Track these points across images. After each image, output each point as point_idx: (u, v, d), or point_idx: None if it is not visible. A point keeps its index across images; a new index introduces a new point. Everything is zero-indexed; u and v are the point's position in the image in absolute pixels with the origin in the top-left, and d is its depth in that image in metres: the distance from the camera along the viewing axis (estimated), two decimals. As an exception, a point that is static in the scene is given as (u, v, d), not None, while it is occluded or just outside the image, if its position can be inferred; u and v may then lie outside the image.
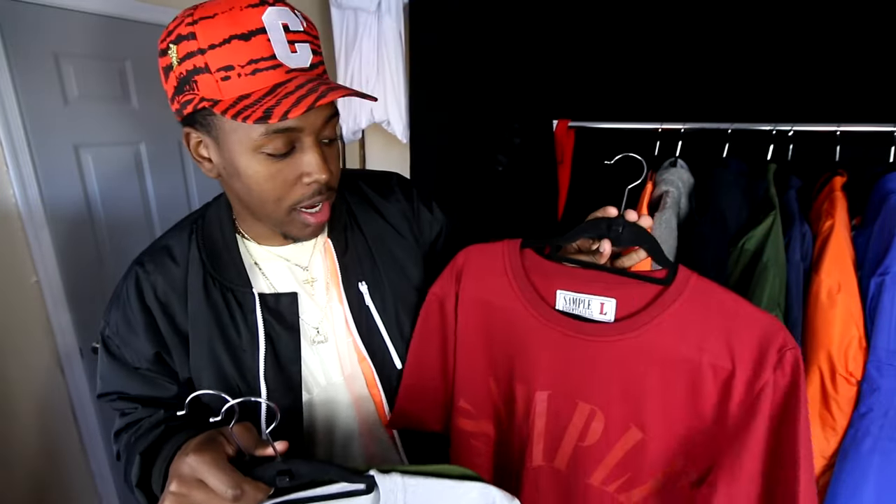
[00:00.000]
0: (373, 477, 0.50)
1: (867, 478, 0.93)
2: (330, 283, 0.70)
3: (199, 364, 0.63)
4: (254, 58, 0.49)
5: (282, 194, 0.56)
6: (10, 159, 1.33)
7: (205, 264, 0.64)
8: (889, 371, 0.91)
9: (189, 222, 0.69)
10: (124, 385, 0.66)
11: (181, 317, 0.64)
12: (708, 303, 0.55)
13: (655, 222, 1.14)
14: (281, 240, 0.68)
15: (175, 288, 0.64)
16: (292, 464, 0.48)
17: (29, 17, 1.33)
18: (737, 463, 0.53)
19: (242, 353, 0.63)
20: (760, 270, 1.01)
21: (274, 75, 0.50)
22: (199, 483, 0.44)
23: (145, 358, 0.64)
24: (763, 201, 1.09)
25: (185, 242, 0.66)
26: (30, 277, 1.43)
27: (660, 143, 1.27)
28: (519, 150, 1.52)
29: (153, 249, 0.67)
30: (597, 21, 1.48)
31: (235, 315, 0.64)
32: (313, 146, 0.55)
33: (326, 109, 0.55)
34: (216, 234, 0.66)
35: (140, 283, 0.64)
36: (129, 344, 0.64)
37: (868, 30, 1.16)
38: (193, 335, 0.63)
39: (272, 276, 0.67)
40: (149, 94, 1.63)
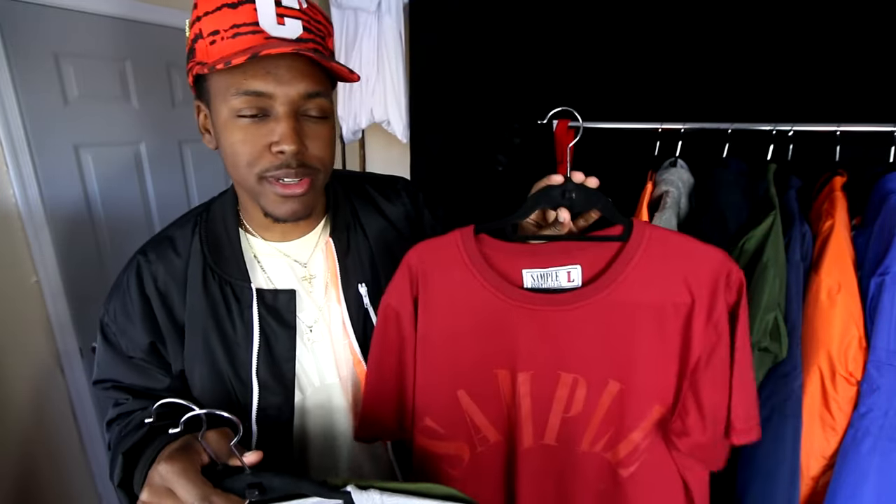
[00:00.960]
0: (349, 493, 0.47)
1: (867, 478, 0.93)
2: (329, 283, 0.69)
3: (193, 356, 0.64)
4: (237, 23, 0.52)
5: (251, 159, 0.57)
6: (10, 159, 1.33)
7: (205, 257, 0.65)
8: (889, 371, 0.91)
9: (193, 215, 0.70)
10: (118, 373, 0.66)
11: (179, 308, 0.64)
12: (665, 250, 0.59)
13: (655, 222, 1.14)
14: (281, 234, 0.68)
15: (175, 279, 0.64)
16: (263, 477, 0.46)
17: (29, 17, 1.33)
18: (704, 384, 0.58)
19: (237, 348, 0.63)
20: (760, 270, 1.01)
21: (252, 39, 0.52)
22: (168, 492, 0.44)
23: (140, 347, 0.64)
24: (763, 201, 1.09)
25: (188, 234, 0.67)
26: (30, 277, 1.43)
27: (660, 143, 1.27)
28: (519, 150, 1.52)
29: (156, 240, 0.68)
30: (597, 21, 1.48)
31: (232, 309, 0.64)
32: (286, 116, 0.55)
33: (303, 82, 0.55)
34: (219, 227, 0.67)
35: (141, 271, 0.65)
36: (125, 332, 0.64)
37: (868, 30, 1.16)
38: (189, 327, 0.63)
39: (271, 272, 0.68)
40: (149, 94, 1.63)
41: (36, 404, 1.48)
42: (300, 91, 0.55)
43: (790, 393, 0.99)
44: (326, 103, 0.59)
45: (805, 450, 1.00)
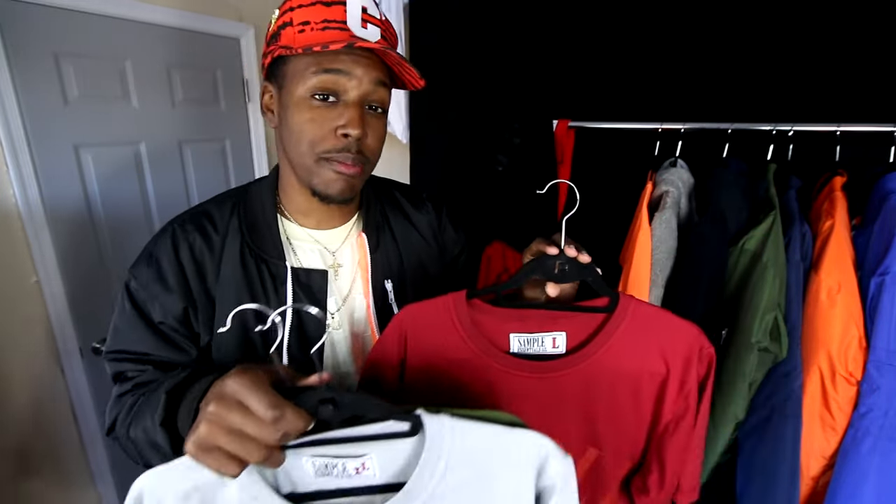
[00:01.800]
0: (419, 417, 0.46)
1: (867, 478, 0.93)
2: (357, 275, 0.74)
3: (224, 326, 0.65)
4: (328, 18, 0.60)
5: (316, 139, 0.62)
6: (10, 159, 1.33)
7: (243, 234, 0.68)
8: (889, 371, 0.91)
9: (231, 195, 0.73)
10: (142, 343, 0.65)
11: (212, 279, 0.66)
12: (646, 323, 0.62)
13: (655, 222, 1.14)
14: (316, 222, 0.73)
15: (211, 250, 0.67)
16: (336, 393, 0.44)
17: (29, 17, 1.33)
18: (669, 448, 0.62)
19: (268, 326, 0.65)
20: (760, 270, 1.01)
21: (339, 34, 0.60)
22: (238, 404, 0.41)
23: (173, 314, 0.65)
24: (763, 201, 1.09)
25: (225, 212, 0.70)
26: (30, 277, 1.43)
27: (660, 143, 1.27)
28: (519, 150, 1.52)
29: (193, 213, 0.70)
30: (597, 21, 1.48)
31: (267, 284, 0.67)
32: (355, 103, 0.62)
33: (376, 71, 0.62)
34: (258, 209, 0.70)
35: (177, 239, 0.66)
36: (157, 297, 0.65)
37: (868, 30, 1.16)
38: (222, 297, 0.66)
39: (302, 255, 0.71)
40: (149, 94, 1.63)
41: (36, 404, 1.48)
42: (372, 77, 0.62)
43: (790, 393, 0.99)
44: (387, 97, 0.66)
45: (805, 450, 1.00)
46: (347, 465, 0.47)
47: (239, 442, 0.40)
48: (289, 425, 0.41)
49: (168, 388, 0.54)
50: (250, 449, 0.41)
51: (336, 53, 0.60)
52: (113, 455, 1.70)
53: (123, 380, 0.66)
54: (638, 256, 1.13)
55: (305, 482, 0.47)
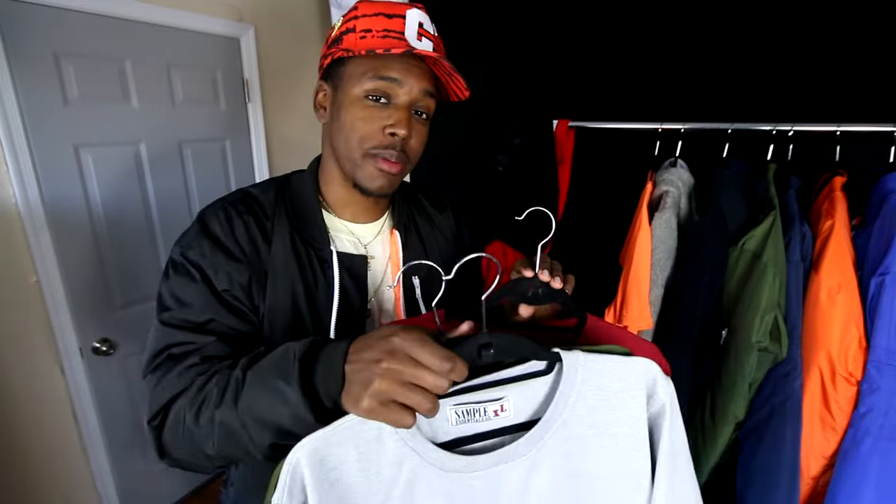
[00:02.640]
0: (558, 353, 0.51)
1: (867, 478, 0.93)
2: (388, 269, 0.79)
3: (276, 304, 0.68)
4: (388, 28, 0.65)
5: (365, 135, 0.67)
6: (10, 159, 1.33)
7: (291, 221, 0.72)
8: (889, 371, 0.91)
9: (274, 184, 0.77)
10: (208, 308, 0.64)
11: (264, 256, 0.69)
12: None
13: (655, 222, 1.14)
14: (352, 216, 0.77)
15: (262, 230, 0.71)
16: (493, 337, 0.47)
17: (29, 17, 1.33)
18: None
19: (317, 302, 0.71)
20: (760, 270, 1.01)
21: (397, 43, 0.65)
22: (410, 359, 0.44)
23: (239, 282, 0.66)
24: (763, 201, 1.09)
25: (271, 199, 0.74)
26: (30, 277, 1.43)
27: (660, 143, 1.27)
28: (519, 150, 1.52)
29: (241, 195, 0.74)
30: (597, 21, 1.49)
31: (315, 266, 0.72)
32: (404, 106, 0.68)
33: (426, 81, 0.68)
34: (303, 199, 0.75)
35: (231, 218, 0.69)
36: (221, 266, 0.66)
37: (868, 30, 1.16)
38: (274, 275, 0.69)
39: (339, 244, 0.75)
40: (149, 94, 1.63)
41: (36, 404, 1.48)
42: (422, 87, 0.68)
43: (790, 393, 0.99)
44: (433, 106, 0.72)
45: (805, 450, 1.00)
46: (487, 408, 0.50)
47: (415, 393, 0.43)
48: (458, 374, 0.44)
49: (300, 356, 0.50)
50: (425, 399, 0.44)
51: (391, 61, 0.66)
52: (113, 455, 1.70)
53: (182, 355, 0.61)
54: (638, 256, 1.13)
55: (445, 430, 0.50)
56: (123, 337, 1.65)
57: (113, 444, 1.69)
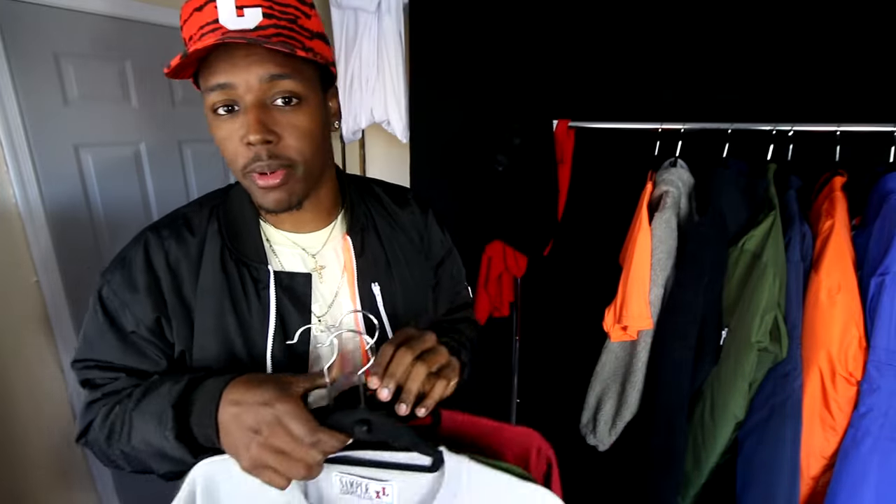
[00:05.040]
0: (441, 453, 0.50)
1: (867, 477, 0.93)
2: (343, 280, 0.71)
3: (205, 335, 0.63)
4: (202, 24, 0.54)
5: (232, 156, 0.58)
6: (10, 159, 1.33)
7: (223, 237, 0.66)
8: (889, 371, 0.91)
9: (210, 198, 0.71)
10: (112, 350, 0.63)
11: (189, 286, 0.64)
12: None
13: (655, 222, 1.14)
14: (292, 225, 0.70)
15: (188, 256, 0.64)
16: (374, 416, 0.48)
17: (29, 17, 1.33)
18: None
19: (251, 329, 0.64)
20: (760, 270, 1.01)
21: (213, 36, 0.53)
22: (283, 430, 0.47)
23: (145, 323, 0.62)
24: (763, 201, 1.09)
25: (204, 216, 0.67)
26: (30, 277, 1.43)
27: (660, 143, 1.27)
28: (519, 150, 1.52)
29: (170, 218, 0.68)
30: (597, 21, 1.49)
31: (248, 289, 0.65)
32: (251, 107, 0.55)
33: (261, 67, 0.54)
34: (237, 212, 0.68)
35: (150, 246, 0.64)
36: (128, 305, 0.62)
37: (868, 30, 1.16)
38: (202, 305, 0.63)
39: (283, 258, 0.69)
40: (149, 94, 1.63)
41: (35, 404, 1.48)
42: (259, 75, 0.55)
43: (790, 393, 0.99)
44: (295, 86, 0.57)
45: (805, 450, 1.00)
46: (370, 486, 0.51)
47: (286, 462, 0.47)
48: (327, 447, 0.47)
49: (173, 402, 0.54)
50: (295, 467, 0.47)
51: (214, 65, 0.54)
52: (113, 455, 1.69)
53: (93, 387, 0.64)
54: (638, 256, 1.13)
55: (331, 496, 0.52)
56: (123, 337, 1.65)
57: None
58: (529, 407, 1.79)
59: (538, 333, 1.74)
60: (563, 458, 0.64)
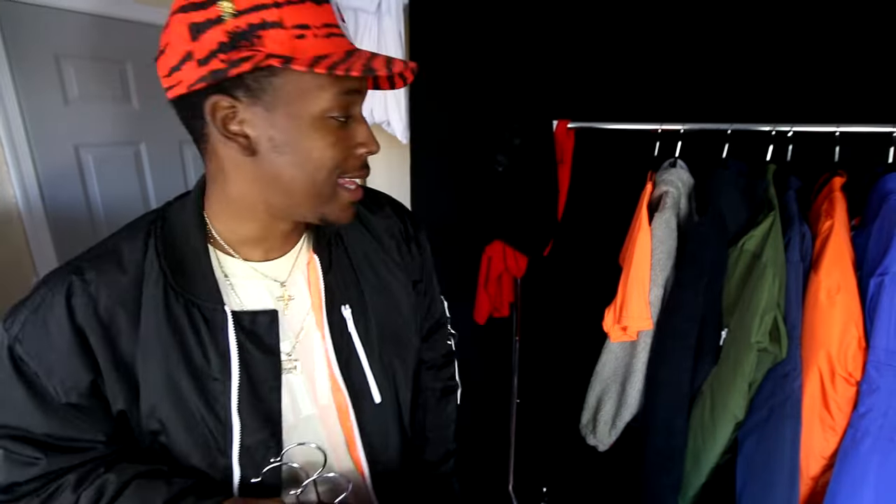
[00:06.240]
0: None
1: (867, 477, 0.93)
2: (310, 305, 0.62)
3: (153, 394, 0.53)
4: (326, 22, 0.49)
5: (340, 162, 0.52)
6: (10, 159, 1.33)
7: (166, 275, 0.54)
8: (888, 371, 0.91)
9: (145, 224, 0.58)
10: (33, 421, 0.51)
11: (127, 339, 0.53)
12: None
13: (655, 222, 1.14)
14: (265, 252, 0.60)
15: (123, 302, 0.53)
16: None
17: (30, 19, 1.33)
18: None
19: (211, 382, 0.54)
20: (760, 271, 1.01)
21: (345, 42, 0.50)
22: None
23: (77, 389, 0.52)
24: (762, 202, 1.09)
25: (138, 248, 0.55)
26: (30, 277, 1.43)
27: (659, 144, 1.27)
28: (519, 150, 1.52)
29: (96, 254, 0.55)
30: (597, 22, 1.49)
31: (203, 336, 0.54)
32: (362, 118, 0.54)
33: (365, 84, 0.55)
34: (181, 242, 0.56)
35: (73, 296, 0.51)
36: (53, 371, 0.51)
37: (868, 30, 1.16)
38: (146, 360, 0.53)
39: (244, 293, 0.59)
40: (149, 94, 1.63)
41: (36, 404, 1.48)
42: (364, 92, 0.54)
43: (790, 393, 0.99)
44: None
45: (805, 450, 1.00)
46: None
47: None
48: None
49: None
50: None
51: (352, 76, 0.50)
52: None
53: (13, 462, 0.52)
54: (638, 257, 1.13)
55: None
56: (123, 337, 1.65)
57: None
58: (529, 407, 1.79)
59: (538, 333, 1.74)
60: (563, 459, 0.64)
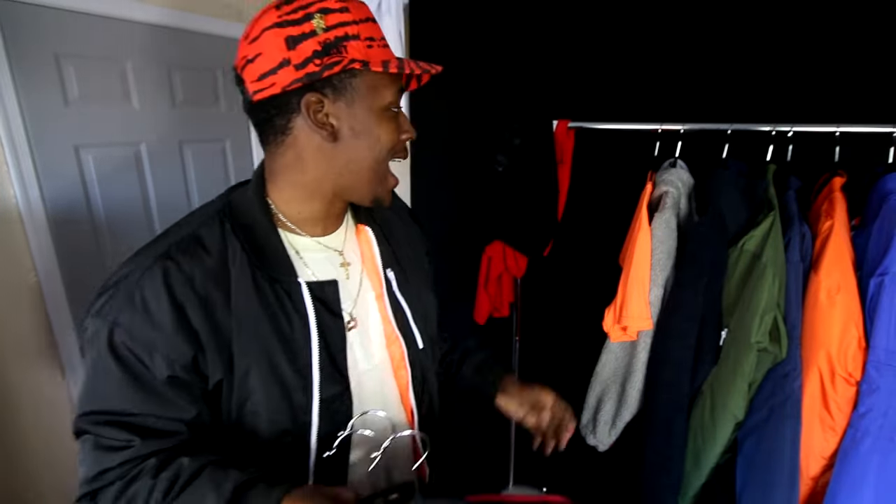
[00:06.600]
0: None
1: (867, 477, 0.93)
2: (364, 268, 0.74)
3: (246, 359, 0.60)
4: (381, 36, 0.64)
5: (394, 145, 0.65)
6: (10, 159, 1.33)
7: (248, 255, 0.62)
8: (888, 371, 0.92)
9: (213, 211, 0.66)
10: (132, 402, 0.57)
11: (222, 311, 0.60)
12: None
13: (655, 222, 1.14)
14: (323, 228, 0.71)
15: (215, 280, 0.60)
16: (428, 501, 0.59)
17: (30, 18, 1.33)
18: None
19: (294, 344, 0.63)
20: (760, 271, 1.01)
21: (391, 51, 0.64)
22: None
23: (180, 363, 0.57)
24: (762, 202, 1.09)
25: (216, 233, 0.63)
26: (30, 277, 1.43)
27: (659, 144, 1.27)
28: (519, 150, 1.52)
29: (181, 241, 0.62)
30: (596, 22, 1.49)
31: (286, 305, 0.63)
32: (401, 111, 0.67)
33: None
34: (254, 225, 0.65)
35: (169, 276, 0.58)
36: (155, 349, 0.56)
37: (868, 30, 1.16)
38: (241, 328, 0.60)
39: (312, 264, 0.68)
40: (149, 94, 1.63)
41: (35, 405, 1.48)
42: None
43: (790, 393, 0.99)
44: None
45: (805, 450, 1.00)
46: None
47: None
48: None
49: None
50: None
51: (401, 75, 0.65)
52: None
53: (103, 448, 0.57)
54: (638, 256, 1.13)
55: None
56: (123, 337, 1.65)
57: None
58: (529, 407, 1.79)
59: (538, 334, 1.74)
60: (562, 459, 0.65)
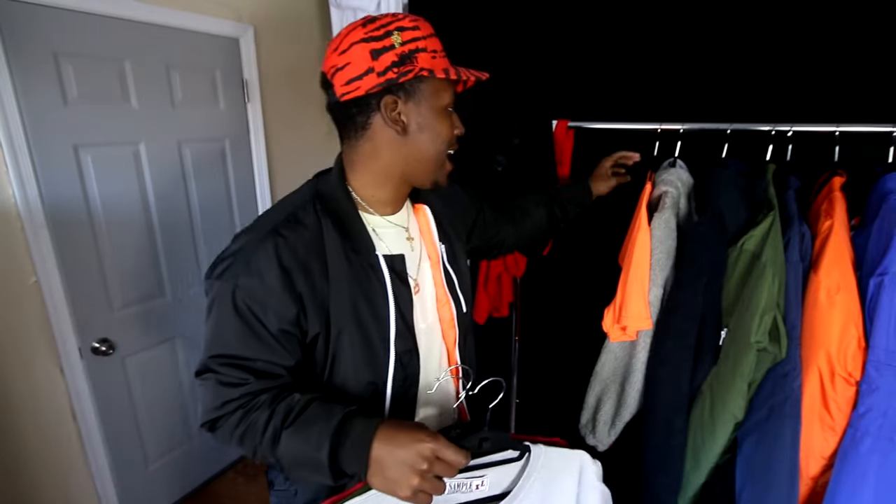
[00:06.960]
0: (529, 447, 0.72)
1: (866, 478, 0.93)
2: (422, 241, 0.89)
3: (340, 319, 0.75)
4: (441, 48, 0.78)
5: (451, 139, 0.81)
6: (9, 159, 1.33)
7: (339, 232, 0.77)
8: (888, 371, 0.91)
9: (308, 196, 0.80)
10: (248, 349, 0.71)
11: (320, 278, 0.73)
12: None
13: (654, 222, 1.14)
14: (393, 209, 0.85)
15: (312, 251, 0.74)
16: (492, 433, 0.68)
17: (29, 18, 1.33)
18: None
19: (378, 307, 0.77)
20: (759, 271, 1.01)
21: (448, 61, 0.79)
22: (437, 459, 0.61)
23: (287, 319, 0.71)
24: (762, 201, 1.09)
25: (311, 213, 0.77)
26: (30, 277, 1.43)
27: (659, 144, 1.27)
28: (519, 150, 1.52)
29: (280, 218, 0.76)
30: (596, 21, 1.49)
31: (370, 275, 0.77)
32: (454, 111, 0.82)
33: None
34: (339, 208, 0.79)
35: (279, 248, 0.72)
36: (268, 306, 0.70)
37: (868, 30, 1.16)
38: (335, 290, 0.74)
39: (386, 239, 0.83)
40: (149, 94, 1.63)
41: (35, 404, 1.48)
42: None
43: (789, 393, 0.99)
44: None
45: (804, 450, 1.00)
46: (471, 483, 0.71)
47: (437, 484, 0.62)
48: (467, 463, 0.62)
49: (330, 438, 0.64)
50: (440, 487, 0.62)
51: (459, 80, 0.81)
52: (112, 455, 1.70)
53: (225, 384, 0.71)
54: (637, 257, 1.13)
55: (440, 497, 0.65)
56: (122, 337, 1.65)
57: (112, 445, 1.69)
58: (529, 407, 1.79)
59: (538, 333, 1.74)
60: None
